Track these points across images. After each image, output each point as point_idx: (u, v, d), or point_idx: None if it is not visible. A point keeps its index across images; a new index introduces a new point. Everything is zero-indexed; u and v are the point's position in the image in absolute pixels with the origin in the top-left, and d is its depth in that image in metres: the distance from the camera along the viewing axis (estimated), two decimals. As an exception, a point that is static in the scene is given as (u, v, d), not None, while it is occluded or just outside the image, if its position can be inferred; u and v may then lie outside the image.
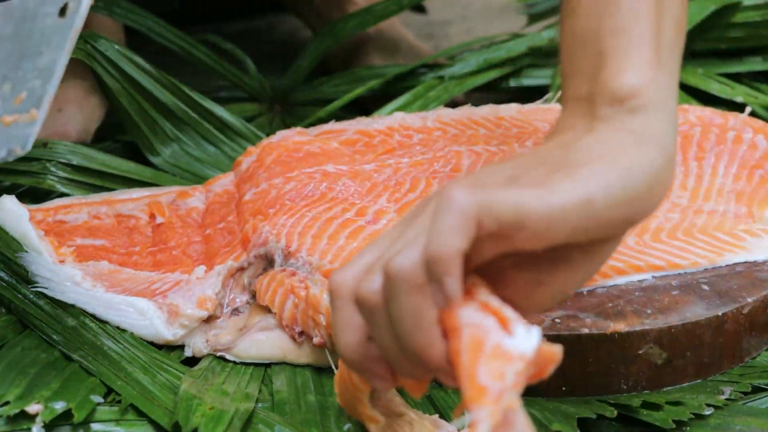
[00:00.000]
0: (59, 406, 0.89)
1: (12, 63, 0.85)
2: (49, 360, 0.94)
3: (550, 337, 0.91)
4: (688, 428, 0.90)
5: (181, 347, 0.99)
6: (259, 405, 0.91)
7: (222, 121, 1.26)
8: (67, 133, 1.27)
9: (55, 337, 0.96)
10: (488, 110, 1.19)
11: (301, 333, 0.96)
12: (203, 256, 1.07)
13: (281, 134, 1.16)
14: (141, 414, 0.90)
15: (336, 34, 1.44)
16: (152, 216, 1.12)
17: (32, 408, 0.88)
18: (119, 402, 0.90)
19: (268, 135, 1.28)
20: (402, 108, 1.33)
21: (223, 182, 1.15)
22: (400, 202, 1.04)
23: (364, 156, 1.13)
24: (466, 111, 1.19)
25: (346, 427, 0.89)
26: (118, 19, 1.32)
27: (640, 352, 0.92)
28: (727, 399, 0.93)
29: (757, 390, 0.94)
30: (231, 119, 1.26)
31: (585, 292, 0.96)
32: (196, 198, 1.14)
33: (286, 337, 0.97)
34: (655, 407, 0.91)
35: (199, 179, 1.21)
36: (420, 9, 1.65)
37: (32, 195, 1.16)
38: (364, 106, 1.37)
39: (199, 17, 1.66)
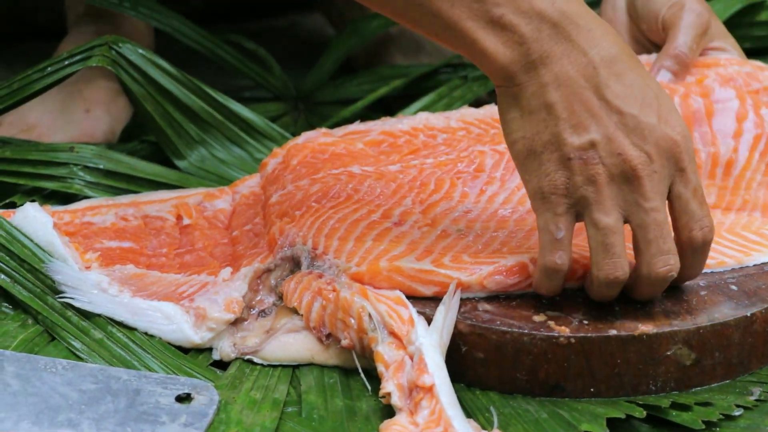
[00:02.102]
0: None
1: None
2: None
3: (579, 339, 0.91)
4: (717, 429, 0.90)
5: (210, 349, 0.99)
6: (288, 409, 0.92)
7: (247, 122, 1.26)
8: (94, 135, 1.28)
9: (80, 348, 0.97)
10: None
11: (329, 335, 0.96)
12: (230, 258, 1.07)
13: (306, 135, 1.16)
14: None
15: (359, 33, 1.44)
16: (179, 218, 1.12)
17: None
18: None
19: (293, 134, 1.28)
20: (426, 107, 1.33)
21: (250, 184, 1.15)
22: (425, 203, 1.05)
23: (389, 156, 1.13)
24: (489, 110, 1.19)
25: (375, 436, 0.89)
26: (143, 19, 1.32)
27: (668, 353, 0.92)
28: (756, 400, 0.92)
29: (786, 390, 0.94)
30: (256, 120, 1.26)
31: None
32: (222, 200, 1.14)
33: (314, 339, 0.97)
34: (685, 408, 0.91)
35: (225, 181, 1.21)
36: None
37: (59, 199, 1.17)
38: (388, 106, 1.37)
39: (221, 16, 1.66)
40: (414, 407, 0.87)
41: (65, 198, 1.17)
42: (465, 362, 0.94)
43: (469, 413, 0.92)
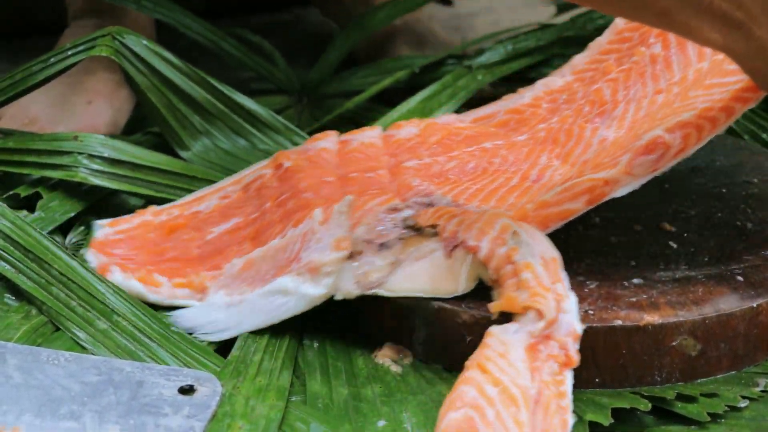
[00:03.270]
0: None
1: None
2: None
3: (583, 329, 0.90)
4: (723, 420, 0.90)
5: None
6: (293, 398, 0.91)
7: (251, 113, 1.26)
8: (96, 127, 1.27)
9: (84, 338, 0.96)
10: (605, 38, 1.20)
11: (455, 247, 0.93)
12: (338, 197, 1.04)
13: (444, 118, 1.18)
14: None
15: (364, 26, 1.44)
16: (278, 167, 1.11)
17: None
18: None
19: (297, 127, 1.28)
20: (430, 98, 1.33)
21: (370, 135, 1.15)
22: (561, 155, 1.06)
23: (518, 130, 1.15)
24: (591, 48, 1.20)
25: (380, 424, 0.89)
26: (146, 12, 1.32)
27: (673, 343, 0.92)
28: (762, 391, 0.92)
29: (792, 382, 0.94)
30: (260, 111, 1.26)
31: (619, 284, 0.96)
32: (326, 141, 1.14)
33: (439, 265, 0.94)
34: (690, 399, 0.90)
35: (230, 172, 1.21)
36: (446, 1, 1.65)
37: (65, 186, 1.17)
38: (391, 98, 1.37)
39: (226, 10, 1.66)
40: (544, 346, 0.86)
41: (70, 188, 1.16)
42: (470, 352, 0.94)
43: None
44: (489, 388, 0.82)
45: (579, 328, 0.87)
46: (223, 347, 0.99)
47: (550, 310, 0.86)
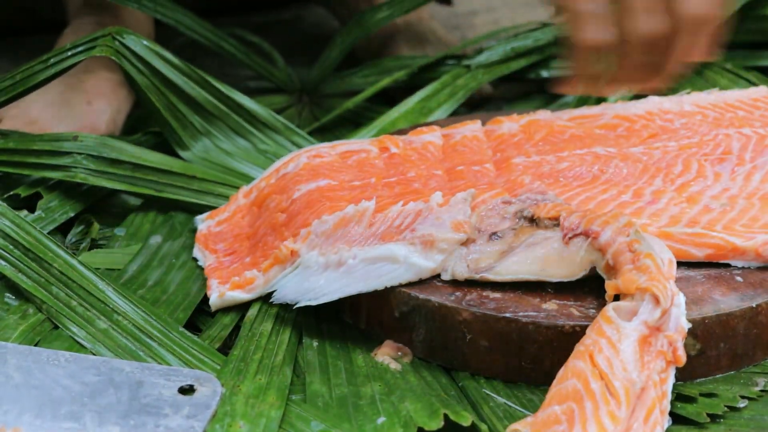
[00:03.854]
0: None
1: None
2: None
3: (583, 328, 0.90)
4: (722, 420, 0.90)
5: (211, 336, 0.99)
6: (293, 397, 0.92)
7: (251, 113, 1.26)
8: (96, 127, 1.27)
9: (84, 337, 0.96)
10: (737, 94, 1.23)
11: (573, 237, 0.95)
12: (446, 189, 1.06)
13: (542, 114, 1.19)
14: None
15: (364, 25, 1.44)
16: (383, 149, 1.12)
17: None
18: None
19: (298, 126, 1.28)
20: (429, 97, 1.33)
21: (472, 128, 1.16)
22: (676, 183, 1.07)
23: (629, 140, 1.15)
24: (722, 95, 1.22)
25: (380, 421, 0.89)
26: (147, 12, 1.32)
27: (673, 343, 0.92)
28: (761, 390, 0.92)
29: (791, 381, 0.94)
30: (260, 111, 1.26)
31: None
32: (430, 134, 1.15)
33: (550, 250, 0.95)
34: (689, 400, 0.90)
35: (230, 171, 1.21)
36: (446, 0, 1.65)
37: (65, 186, 1.17)
38: (391, 97, 1.37)
39: (225, 8, 1.66)
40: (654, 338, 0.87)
41: (70, 188, 1.17)
42: (470, 350, 0.94)
43: (472, 403, 0.92)
44: (593, 382, 0.83)
45: (686, 325, 0.87)
46: (224, 345, 0.99)
47: (667, 298, 0.87)
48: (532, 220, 0.98)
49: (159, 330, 0.98)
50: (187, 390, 0.89)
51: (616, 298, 0.90)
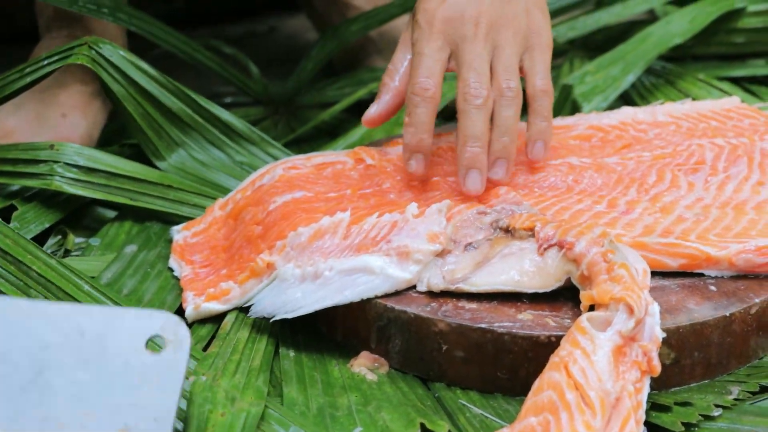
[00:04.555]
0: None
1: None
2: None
3: (559, 338, 0.91)
4: (696, 429, 0.90)
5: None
6: (270, 410, 0.91)
7: (227, 124, 1.26)
8: (72, 139, 1.27)
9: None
10: (710, 105, 1.24)
11: (549, 247, 0.95)
12: (421, 200, 1.06)
13: (522, 125, 1.18)
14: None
15: (339, 37, 1.44)
16: (359, 161, 1.12)
17: None
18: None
19: (274, 138, 1.28)
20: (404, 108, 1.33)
21: (447, 140, 1.16)
22: (650, 193, 1.07)
23: (603, 150, 1.16)
24: (694, 105, 1.23)
25: (357, 430, 0.89)
26: (121, 24, 1.32)
27: (648, 352, 0.93)
28: (735, 399, 0.93)
29: (765, 390, 0.94)
30: (236, 123, 1.26)
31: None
32: None
33: (526, 260, 0.96)
34: (664, 409, 0.91)
35: (206, 182, 1.21)
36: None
37: (40, 197, 1.16)
38: (367, 108, 1.37)
39: (202, 18, 1.66)
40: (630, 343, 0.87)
41: (46, 199, 1.16)
42: (445, 361, 0.94)
43: (448, 413, 0.92)
44: (568, 392, 0.83)
45: (661, 334, 0.88)
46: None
47: (641, 308, 0.87)
48: (508, 231, 0.99)
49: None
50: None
51: (591, 308, 0.90)
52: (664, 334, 0.88)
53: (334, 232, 1.00)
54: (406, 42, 1.10)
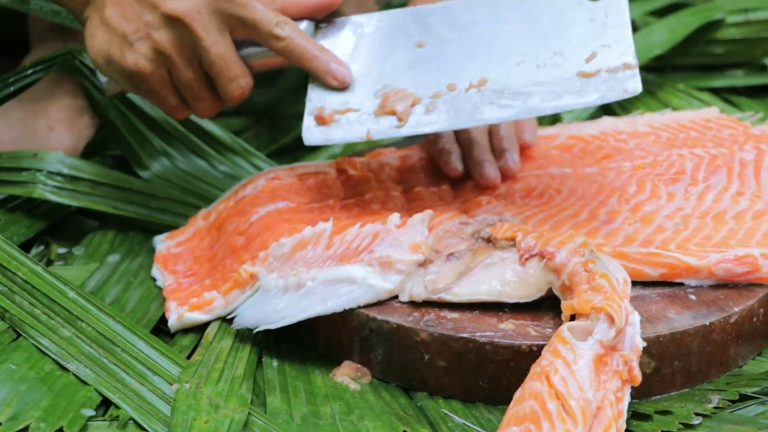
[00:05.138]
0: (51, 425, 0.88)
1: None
2: (39, 375, 0.94)
3: (540, 347, 0.91)
4: (676, 437, 0.91)
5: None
6: (254, 418, 0.92)
7: (211, 135, 1.26)
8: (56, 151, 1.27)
9: (48, 345, 0.96)
10: (690, 115, 1.25)
11: (530, 257, 0.95)
12: (404, 210, 1.07)
13: None
14: (139, 426, 0.90)
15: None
16: (341, 171, 1.13)
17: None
18: (116, 417, 0.90)
19: (256, 148, 1.28)
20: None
21: (421, 151, 1.17)
22: (630, 203, 1.08)
23: (584, 160, 1.16)
24: (674, 115, 1.24)
25: (340, 439, 0.89)
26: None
27: (629, 361, 0.93)
28: (714, 407, 0.94)
29: (744, 398, 0.95)
30: (220, 133, 1.26)
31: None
32: (389, 157, 1.16)
33: (507, 270, 0.96)
34: (645, 417, 0.91)
35: (189, 192, 1.21)
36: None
37: (23, 208, 1.16)
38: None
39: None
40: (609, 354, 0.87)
41: (28, 210, 1.16)
42: (428, 370, 0.95)
43: (431, 422, 0.92)
44: (549, 402, 0.84)
45: (641, 344, 0.88)
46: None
47: (621, 317, 0.87)
48: (489, 241, 0.99)
49: (122, 336, 0.97)
50: None
51: (573, 318, 0.91)
52: (645, 344, 0.89)
53: (316, 243, 1.00)
54: None
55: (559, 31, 1.04)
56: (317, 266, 0.98)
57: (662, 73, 1.50)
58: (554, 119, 1.34)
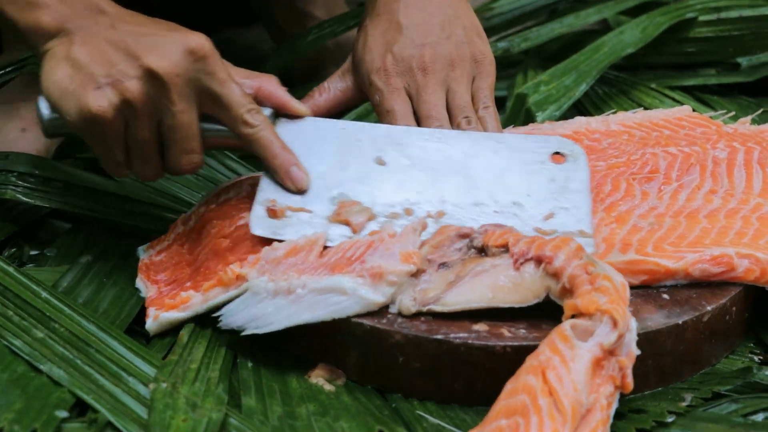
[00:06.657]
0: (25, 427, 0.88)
1: None
2: (11, 377, 0.93)
3: (515, 348, 0.92)
4: (650, 435, 0.91)
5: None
6: (231, 419, 0.92)
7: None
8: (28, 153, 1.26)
9: (21, 346, 0.96)
10: (662, 113, 1.25)
11: (525, 262, 0.95)
12: None
13: None
14: (114, 428, 0.89)
15: (296, 48, 1.45)
16: None
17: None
18: (94, 420, 0.90)
19: (232, 151, 1.28)
20: (360, 117, 1.34)
21: None
22: (605, 202, 1.08)
23: None
24: (647, 114, 1.25)
25: (315, 439, 0.90)
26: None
27: (603, 360, 0.93)
28: (688, 406, 0.94)
29: (717, 396, 0.96)
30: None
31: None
32: None
33: (499, 277, 0.95)
34: (618, 416, 0.92)
35: (163, 194, 1.21)
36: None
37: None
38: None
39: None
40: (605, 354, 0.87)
41: (2, 210, 1.16)
42: (402, 373, 0.95)
43: (406, 423, 0.92)
44: (542, 398, 0.84)
45: (636, 351, 0.88)
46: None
47: (625, 322, 0.88)
48: (482, 250, 0.99)
49: (96, 335, 0.97)
50: None
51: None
52: (639, 352, 0.89)
53: (309, 250, 1.00)
54: (347, 71, 1.16)
55: (521, 182, 1.06)
56: (308, 273, 0.97)
57: (635, 72, 1.50)
58: (527, 118, 1.34)
